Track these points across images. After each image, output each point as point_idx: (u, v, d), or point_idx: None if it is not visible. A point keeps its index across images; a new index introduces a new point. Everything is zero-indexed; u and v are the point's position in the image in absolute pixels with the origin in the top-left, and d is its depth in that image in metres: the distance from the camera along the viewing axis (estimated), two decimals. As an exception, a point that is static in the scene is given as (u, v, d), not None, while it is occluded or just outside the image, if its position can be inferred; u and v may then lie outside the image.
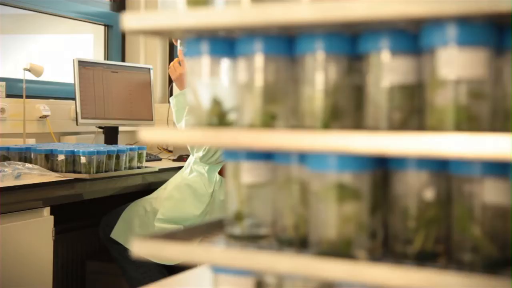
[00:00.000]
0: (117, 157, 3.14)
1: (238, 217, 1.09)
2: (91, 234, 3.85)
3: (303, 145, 0.92)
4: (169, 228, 3.22)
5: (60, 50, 4.54)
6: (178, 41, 3.38)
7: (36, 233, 2.75)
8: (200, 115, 1.07)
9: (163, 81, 4.69)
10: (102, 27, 4.57)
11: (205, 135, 0.99)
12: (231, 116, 1.06)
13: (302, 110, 1.01)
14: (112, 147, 3.20)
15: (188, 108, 1.09)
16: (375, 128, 0.96)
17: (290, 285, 1.03)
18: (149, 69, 4.08)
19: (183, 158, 3.89)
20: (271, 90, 1.02)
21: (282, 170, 1.06)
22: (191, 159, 3.42)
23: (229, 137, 0.97)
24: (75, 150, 3.00)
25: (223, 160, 3.24)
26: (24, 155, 3.07)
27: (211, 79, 1.06)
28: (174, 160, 3.92)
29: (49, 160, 3.02)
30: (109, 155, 3.08)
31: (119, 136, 3.94)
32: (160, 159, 3.91)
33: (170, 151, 4.38)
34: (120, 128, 3.95)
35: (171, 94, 4.23)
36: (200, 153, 3.22)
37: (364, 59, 0.97)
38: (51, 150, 3.02)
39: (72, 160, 2.99)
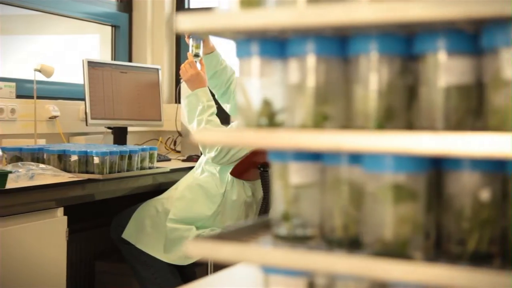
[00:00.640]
0: (129, 157, 3.14)
1: (285, 218, 1.09)
2: (100, 234, 3.85)
3: (362, 146, 0.92)
4: (181, 229, 3.22)
5: (66, 50, 4.53)
6: (190, 39, 3.38)
7: (50, 233, 2.75)
8: (249, 116, 1.07)
9: (170, 81, 4.69)
10: (108, 27, 4.57)
11: (260, 136, 0.99)
12: (281, 117, 1.06)
13: (355, 110, 1.01)
14: (125, 148, 3.20)
15: (237, 108, 1.09)
16: (430, 128, 0.96)
17: (342, 285, 1.03)
18: (157, 69, 4.08)
19: (192, 158, 3.89)
20: (323, 91, 1.02)
21: (331, 171, 1.06)
22: (202, 159, 3.42)
23: (284, 138, 0.97)
24: (88, 150, 2.99)
25: (235, 161, 3.25)
26: (36, 156, 3.06)
27: (261, 80, 1.06)
28: (183, 161, 3.92)
29: (62, 160, 3.02)
30: (121, 156, 3.08)
31: (128, 136, 3.94)
32: (169, 160, 3.91)
33: (178, 151, 4.38)
34: (129, 128, 3.95)
35: (179, 95, 4.23)
36: (212, 154, 3.22)
37: (420, 59, 0.97)
38: (64, 151, 3.02)
39: (85, 160, 2.99)
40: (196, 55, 3.37)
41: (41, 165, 2.91)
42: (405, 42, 0.98)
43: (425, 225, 0.97)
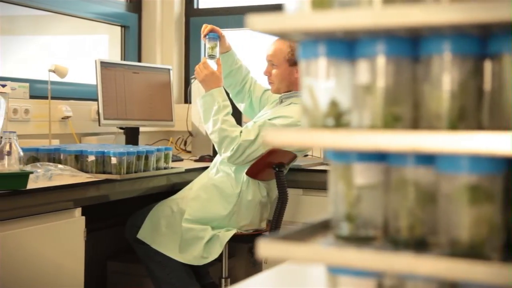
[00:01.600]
0: (146, 157, 3.13)
1: (348, 218, 1.08)
2: (114, 234, 3.84)
3: (440, 147, 0.92)
4: (196, 229, 3.22)
5: (74, 50, 4.52)
6: (207, 39, 3.37)
7: (69, 234, 2.74)
8: (315, 116, 1.06)
9: (180, 81, 4.68)
10: (116, 27, 4.56)
11: (335, 137, 0.98)
12: (347, 118, 1.06)
13: (426, 110, 1.00)
14: (141, 148, 3.19)
15: (302, 109, 1.08)
16: (504, 128, 0.96)
17: (412, 286, 1.03)
18: (168, 69, 4.07)
19: (205, 158, 3.89)
20: (393, 91, 1.02)
21: (396, 172, 1.06)
22: (217, 159, 3.42)
23: (360, 138, 0.97)
24: (105, 151, 2.99)
25: (250, 161, 3.24)
26: (53, 156, 3.06)
27: (328, 81, 1.06)
28: (196, 161, 3.92)
29: (78, 160, 3.01)
30: (138, 156, 3.07)
31: (139, 137, 3.94)
32: (181, 160, 3.91)
33: (189, 152, 4.38)
34: (140, 129, 3.94)
35: (189, 95, 4.22)
36: (228, 153, 3.22)
37: (495, 59, 0.97)
38: (81, 151, 3.01)
39: (102, 160, 2.98)
40: (211, 56, 3.36)
41: (60, 166, 2.91)
42: (478, 42, 0.98)
43: (501, 226, 0.97)
